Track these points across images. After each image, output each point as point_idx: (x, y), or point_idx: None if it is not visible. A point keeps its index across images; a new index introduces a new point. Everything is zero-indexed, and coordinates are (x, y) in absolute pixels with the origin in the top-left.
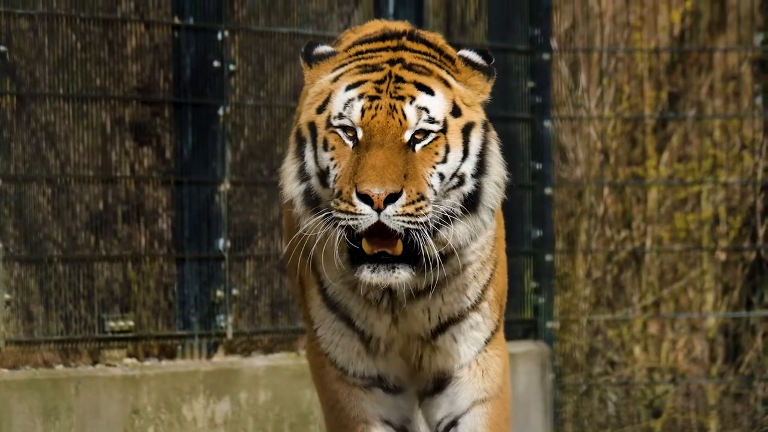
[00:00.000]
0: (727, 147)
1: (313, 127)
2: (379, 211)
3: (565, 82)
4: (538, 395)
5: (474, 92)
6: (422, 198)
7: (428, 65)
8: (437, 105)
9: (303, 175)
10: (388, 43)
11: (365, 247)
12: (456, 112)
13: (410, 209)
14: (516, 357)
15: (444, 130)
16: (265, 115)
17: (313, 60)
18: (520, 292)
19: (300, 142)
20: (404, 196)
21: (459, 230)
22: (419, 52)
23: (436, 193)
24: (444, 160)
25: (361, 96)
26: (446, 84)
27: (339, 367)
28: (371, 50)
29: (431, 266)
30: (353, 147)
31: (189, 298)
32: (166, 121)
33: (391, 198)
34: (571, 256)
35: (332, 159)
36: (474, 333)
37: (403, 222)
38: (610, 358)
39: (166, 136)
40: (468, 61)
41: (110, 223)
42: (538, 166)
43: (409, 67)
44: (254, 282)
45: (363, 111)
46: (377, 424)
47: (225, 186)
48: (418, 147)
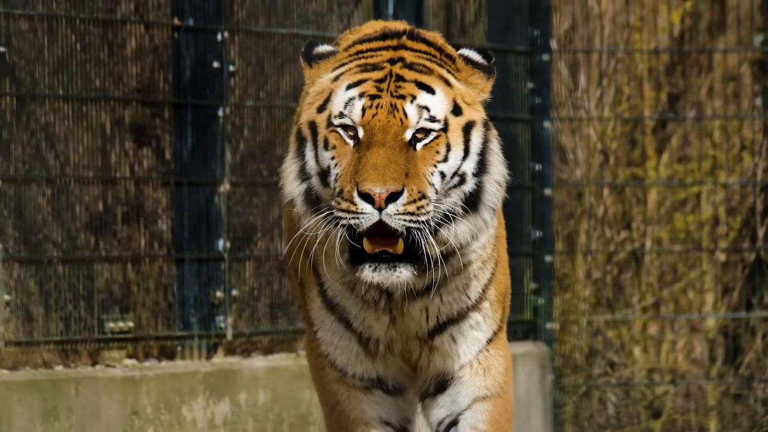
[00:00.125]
0: (727, 148)
1: (313, 126)
2: (380, 210)
3: (564, 83)
4: (537, 396)
5: (474, 91)
6: (423, 197)
7: (429, 64)
8: (438, 104)
9: (304, 175)
10: (388, 42)
11: (366, 246)
12: (457, 110)
13: (411, 208)
14: (516, 358)
15: (445, 129)
16: (264, 116)
17: (314, 59)
18: (520, 293)
19: (300, 141)
20: (405, 194)
21: (460, 229)
22: (420, 51)
23: (437, 192)
24: (445, 159)
25: (361, 95)
26: (447, 83)
27: (338, 368)
28: (371, 49)
29: (432, 265)
30: (354, 146)
31: (188, 299)
32: (166, 122)
33: (393, 197)
34: (570, 257)
35: (333, 158)
36: (474, 333)
37: (405, 221)
38: (610, 359)
39: (166, 137)
40: (468, 60)
41: (110, 223)
42: (538, 167)
43: (410, 66)
44: (254, 283)
45: (364, 110)
46: (377, 426)
47: (224, 187)
48: (419, 146)
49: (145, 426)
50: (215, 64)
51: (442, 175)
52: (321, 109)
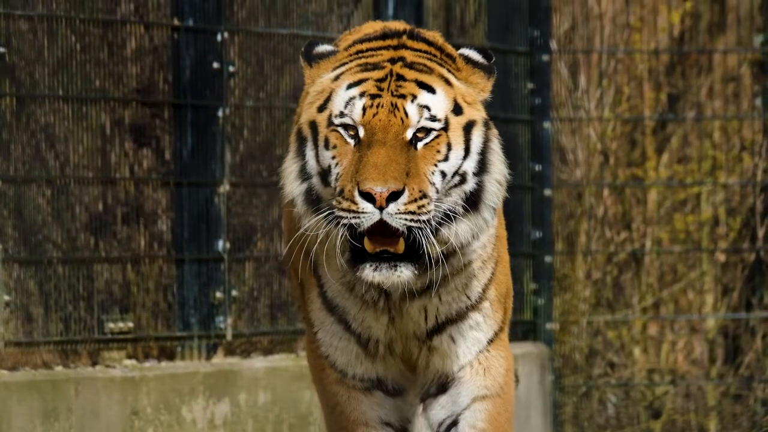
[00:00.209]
0: (727, 148)
1: (314, 126)
2: (381, 209)
3: (564, 83)
4: (537, 397)
5: (475, 90)
6: (424, 196)
7: (429, 63)
8: (438, 103)
9: (304, 175)
10: (388, 41)
11: (367, 245)
12: (457, 110)
13: (412, 207)
14: (515, 358)
15: (445, 128)
16: (264, 117)
17: (314, 59)
18: (520, 294)
19: (301, 141)
20: (406, 194)
21: (461, 229)
22: (420, 51)
23: (438, 192)
24: (446, 158)
25: (362, 94)
26: (447, 82)
27: (338, 369)
28: (372, 49)
29: (433, 265)
30: (355, 145)
31: (188, 300)
32: (166, 122)
33: (394, 196)
34: (570, 258)
35: (334, 158)
36: (474, 333)
37: (406, 220)
38: (610, 359)
39: (166, 138)
40: (468, 60)
41: (110, 224)
42: (538, 167)
43: (410, 66)
44: (253, 283)
45: (364, 109)
46: (377, 426)
47: (224, 187)
48: (419, 145)
49: (144, 426)
50: (215, 65)
51: (443, 174)
52: (321, 108)
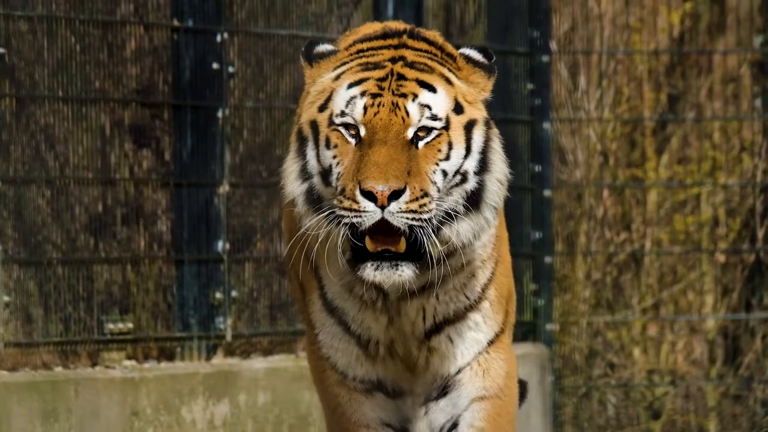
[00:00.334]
0: (727, 149)
1: (314, 125)
2: (382, 208)
3: (564, 84)
4: (537, 397)
5: (475, 90)
6: (426, 195)
7: (430, 63)
8: (439, 102)
9: (305, 174)
10: (389, 41)
11: (368, 244)
12: (458, 109)
13: (414, 206)
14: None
15: (446, 127)
16: (264, 117)
17: (314, 59)
18: (520, 295)
19: (301, 141)
20: (408, 192)
21: (462, 228)
22: (420, 50)
23: (439, 191)
24: (447, 157)
25: (363, 93)
26: (448, 81)
27: (339, 371)
28: (372, 48)
29: (435, 264)
30: (356, 145)
31: (188, 300)
32: (166, 123)
33: (395, 195)
34: (570, 258)
35: (335, 157)
36: (473, 334)
37: (407, 219)
38: (610, 360)
39: (165, 139)
40: (469, 59)
41: (109, 225)
42: (538, 168)
43: (411, 65)
44: (253, 284)
45: (365, 108)
46: (378, 428)
47: (224, 188)
48: (420, 144)
49: (144, 427)
50: (215, 66)
51: (444, 173)
52: (322, 108)
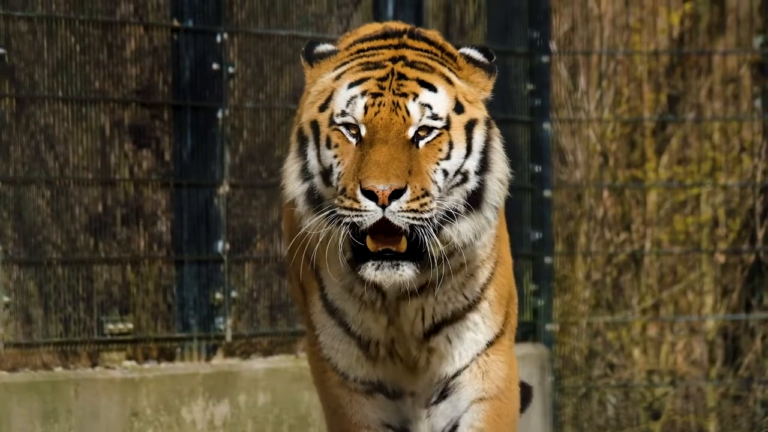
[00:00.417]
0: (727, 149)
1: (315, 125)
2: (383, 207)
3: (564, 84)
4: (537, 398)
5: (476, 89)
6: (426, 194)
7: (430, 62)
8: (440, 102)
9: (305, 175)
10: (389, 41)
11: (369, 244)
12: (459, 108)
13: (415, 205)
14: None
15: (447, 127)
16: (264, 118)
17: (314, 59)
18: (520, 295)
19: (302, 141)
20: (409, 192)
21: (463, 228)
22: (421, 50)
23: (440, 190)
24: (447, 157)
25: (363, 93)
26: (448, 81)
27: (340, 372)
28: (373, 48)
29: (436, 264)
30: (356, 144)
31: (188, 301)
32: (165, 123)
33: (396, 194)
34: (570, 259)
35: (335, 156)
36: (471, 334)
37: (408, 218)
38: (610, 360)
39: (165, 139)
40: (469, 59)
41: (109, 225)
42: (538, 168)
43: (412, 65)
44: (253, 284)
45: (366, 108)
46: (379, 429)
47: (224, 188)
48: (421, 143)
49: (144, 428)
50: (215, 66)
51: (445, 172)
52: (323, 108)
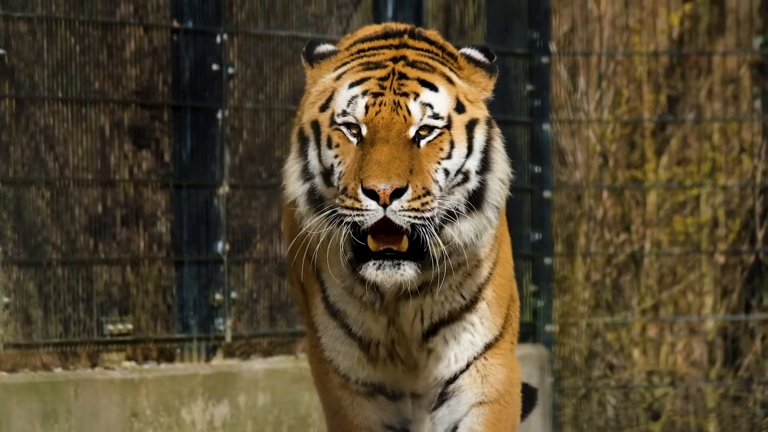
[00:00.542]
0: (726, 150)
1: (316, 125)
2: (384, 206)
3: (564, 85)
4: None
5: (477, 89)
6: (428, 193)
7: (431, 62)
8: (441, 101)
9: (306, 175)
10: (390, 41)
11: (371, 243)
12: (460, 108)
13: (416, 204)
14: None
15: (448, 126)
16: (263, 118)
17: (315, 59)
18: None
19: (303, 141)
20: (410, 191)
21: (464, 227)
22: (422, 50)
23: (441, 190)
24: (449, 156)
25: (364, 93)
26: (449, 81)
27: (342, 374)
28: (373, 48)
29: (438, 264)
30: (357, 144)
31: (188, 302)
32: (165, 124)
33: (397, 193)
34: (570, 259)
35: (336, 156)
36: (468, 336)
37: (409, 217)
38: (609, 361)
39: (165, 140)
40: (470, 59)
41: (109, 226)
42: (537, 169)
43: (412, 64)
44: (253, 285)
45: (367, 107)
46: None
47: (224, 189)
48: (422, 143)
49: (144, 428)
50: (214, 67)
51: (446, 172)
52: (324, 108)
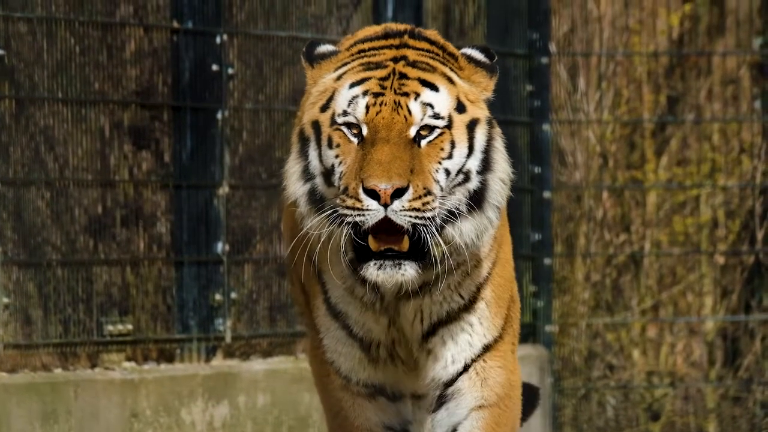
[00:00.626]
0: (726, 151)
1: (316, 125)
2: (385, 206)
3: (563, 85)
4: None
5: (477, 89)
6: (429, 193)
7: (432, 62)
8: (442, 101)
9: (307, 175)
10: (390, 41)
11: (372, 243)
12: (460, 108)
13: (417, 204)
14: None
15: (449, 126)
16: (263, 119)
17: (315, 60)
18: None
19: (303, 141)
20: (411, 191)
21: (465, 227)
22: (422, 50)
23: (442, 189)
24: (450, 156)
25: (365, 93)
26: (450, 81)
27: (343, 375)
28: (374, 48)
29: (439, 263)
30: (358, 144)
31: (188, 302)
32: (165, 124)
33: (398, 193)
34: (570, 260)
35: (337, 156)
36: (466, 336)
37: (410, 217)
38: (609, 361)
39: (165, 140)
40: (471, 59)
41: (109, 226)
42: (537, 169)
43: (413, 64)
44: (253, 285)
45: (368, 107)
46: None
47: (224, 189)
48: (423, 143)
49: (144, 429)
50: (214, 67)
51: (447, 172)
52: (324, 108)
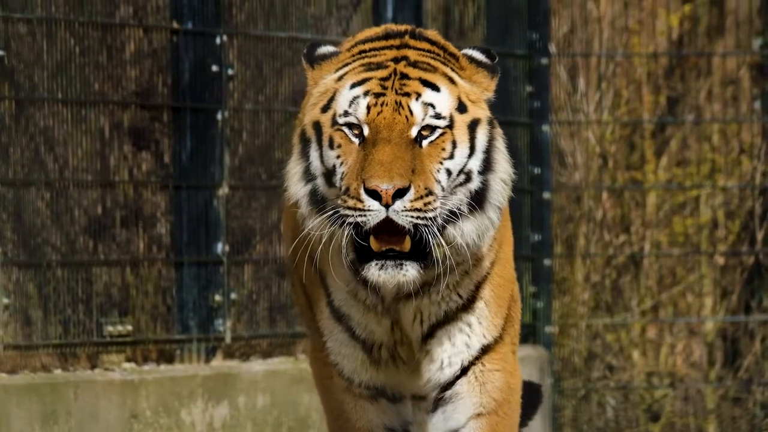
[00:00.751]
0: (726, 151)
1: (317, 126)
2: (387, 206)
3: (563, 86)
4: None
5: (479, 89)
6: (430, 193)
7: (433, 62)
8: (443, 101)
9: (308, 176)
10: (391, 41)
11: (373, 244)
12: (462, 108)
13: (418, 204)
14: None
15: (450, 126)
16: (263, 120)
17: (316, 60)
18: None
19: (304, 142)
20: (412, 191)
21: (467, 228)
22: (423, 50)
23: (443, 189)
24: (451, 156)
25: (366, 93)
26: (451, 81)
27: (345, 377)
28: (375, 49)
29: (440, 264)
30: (359, 144)
31: (187, 303)
32: (165, 125)
33: (400, 193)
34: (569, 261)
35: (338, 157)
36: (464, 337)
37: (412, 217)
38: (609, 362)
39: (165, 141)
40: (472, 59)
41: (109, 227)
42: (537, 170)
43: (414, 65)
44: (253, 286)
45: (369, 108)
46: None
47: (223, 190)
48: (424, 143)
49: (144, 429)
50: (214, 68)
51: (448, 172)
52: (325, 108)
